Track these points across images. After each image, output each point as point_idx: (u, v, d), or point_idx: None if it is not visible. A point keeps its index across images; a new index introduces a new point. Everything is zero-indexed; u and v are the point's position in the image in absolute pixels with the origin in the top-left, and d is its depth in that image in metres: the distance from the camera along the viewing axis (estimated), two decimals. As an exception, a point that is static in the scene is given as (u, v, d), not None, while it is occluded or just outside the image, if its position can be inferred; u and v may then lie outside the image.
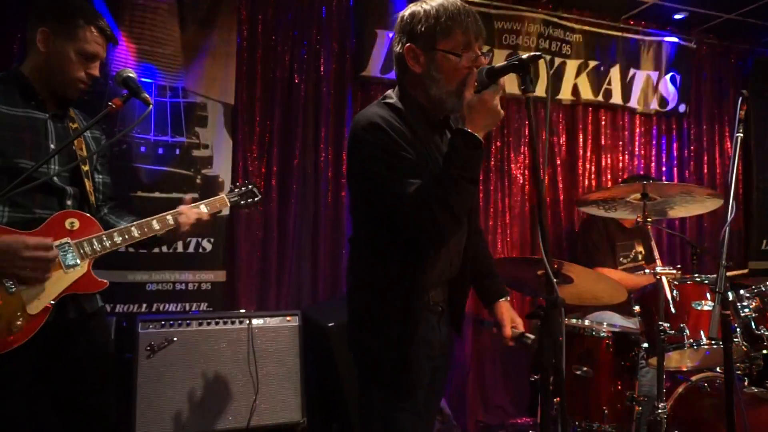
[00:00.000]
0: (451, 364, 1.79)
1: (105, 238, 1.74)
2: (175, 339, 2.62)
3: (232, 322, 2.73)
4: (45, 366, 1.71)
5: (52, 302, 1.64)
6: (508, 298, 1.78)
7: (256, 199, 2.19)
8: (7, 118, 1.64)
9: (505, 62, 1.38)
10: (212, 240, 3.09)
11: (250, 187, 2.19)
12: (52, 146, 1.71)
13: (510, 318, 1.71)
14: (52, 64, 1.70)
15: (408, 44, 1.50)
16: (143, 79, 2.90)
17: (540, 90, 3.64)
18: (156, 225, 1.83)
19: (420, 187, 1.42)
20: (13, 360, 1.57)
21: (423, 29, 1.47)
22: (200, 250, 3.07)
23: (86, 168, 1.81)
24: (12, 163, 1.61)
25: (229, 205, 2.10)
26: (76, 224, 1.71)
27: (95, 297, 1.82)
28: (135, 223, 1.81)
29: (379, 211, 1.52)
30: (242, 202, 2.15)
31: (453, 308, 1.68)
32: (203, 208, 1.96)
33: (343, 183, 3.43)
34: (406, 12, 1.53)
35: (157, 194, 2.98)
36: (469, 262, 1.67)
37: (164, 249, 2.98)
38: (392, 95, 1.57)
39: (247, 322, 2.74)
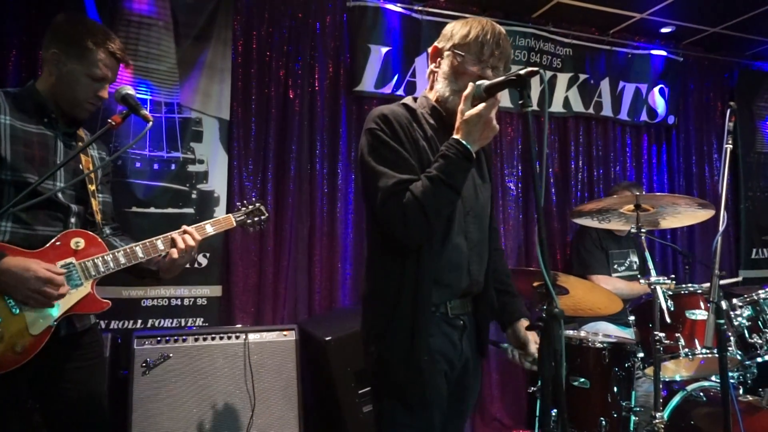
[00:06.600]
0: (475, 385, 1.68)
1: (109, 259, 1.74)
2: (171, 355, 2.60)
3: (229, 338, 2.72)
4: (38, 382, 1.70)
5: (55, 323, 1.63)
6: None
7: (263, 217, 2.19)
8: (20, 132, 1.65)
9: (503, 77, 1.37)
10: (208, 255, 3.09)
11: (258, 205, 2.19)
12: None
13: (533, 339, 1.67)
14: (62, 85, 1.72)
15: (434, 45, 1.61)
16: (139, 95, 2.91)
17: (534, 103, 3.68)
18: (161, 245, 1.82)
19: (399, 181, 1.43)
20: (9, 377, 1.56)
21: (451, 34, 1.59)
22: (196, 265, 3.06)
23: (93, 187, 1.81)
24: (21, 177, 1.62)
25: (235, 224, 2.07)
26: (81, 244, 1.71)
27: (88, 315, 1.80)
28: (139, 243, 1.80)
29: (371, 206, 1.51)
30: (248, 220, 2.15)
31: (477, 326, 1.65)
32: (208, 228, 1.94)
33: (339, 196, 3.45)
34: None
35: (152, 209, 2.98)
36: (491, 280, 1.67)
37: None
38: (410, 98, 1.64)
39: (244, 337, 2.73)
